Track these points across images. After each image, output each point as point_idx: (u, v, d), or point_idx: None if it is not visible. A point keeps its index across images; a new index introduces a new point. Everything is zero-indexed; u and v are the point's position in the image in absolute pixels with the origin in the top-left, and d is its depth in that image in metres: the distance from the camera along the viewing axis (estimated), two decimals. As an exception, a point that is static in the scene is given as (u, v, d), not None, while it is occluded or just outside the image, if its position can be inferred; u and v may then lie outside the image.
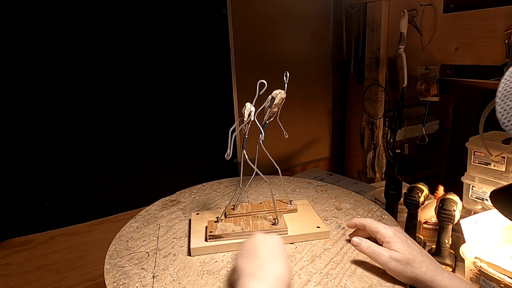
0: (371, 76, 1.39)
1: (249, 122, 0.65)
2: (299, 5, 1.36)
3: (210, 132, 1.22)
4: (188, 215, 0.79)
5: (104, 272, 0.62)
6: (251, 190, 0.93)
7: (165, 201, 0.89)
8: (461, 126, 1.78)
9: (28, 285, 1.01)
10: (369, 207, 0.81)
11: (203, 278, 0.58)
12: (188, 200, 0.88)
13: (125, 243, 0.70)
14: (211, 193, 0.93)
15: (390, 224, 0.72)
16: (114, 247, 0.69)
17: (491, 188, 0.96)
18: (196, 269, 0.60)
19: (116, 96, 1.04)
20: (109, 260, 0.65)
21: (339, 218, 0.76)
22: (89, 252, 1.08)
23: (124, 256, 0.66)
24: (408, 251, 0.54)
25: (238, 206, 0.76)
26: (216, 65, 1.20)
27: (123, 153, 1.08)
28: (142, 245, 0.69)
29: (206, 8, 1.13)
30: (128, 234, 0.73)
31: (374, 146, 1.43)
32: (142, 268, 0.62)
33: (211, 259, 0.63)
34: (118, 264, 0.63)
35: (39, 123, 0.94)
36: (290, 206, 0.76)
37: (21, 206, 0.96)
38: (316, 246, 0.66)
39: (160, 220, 0.79)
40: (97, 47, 0.98)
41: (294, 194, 0.90)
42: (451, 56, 1.10)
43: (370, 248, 0.57)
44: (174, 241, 0.70)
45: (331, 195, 0.88)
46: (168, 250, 0.67)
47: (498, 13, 0.96)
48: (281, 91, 0.67)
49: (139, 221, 0.79)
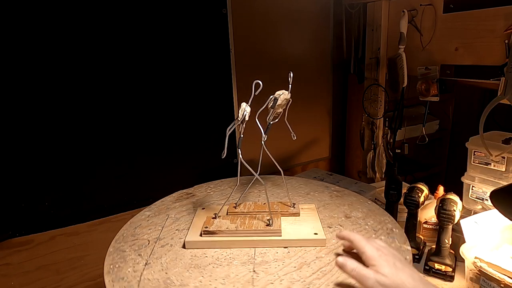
0: (371, 76, 1.39)
1: (243, 121, 0.64)
2: (299, 5, 1.36)
3: (210, 132, 1.22)
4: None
5: (107, 254, 0.65)
6: (262, 189, 0.91)
7: (182, 193, 0.91)
8: (461, 126, 1.78)
9: (28, 285, 1.01)
10: (380, 218, 0.75)
11: (189, 271, 0.59)
12: (203, 195, 0.90)
13: (133, 229, 0.74)
14: (226, 189, 0.93)
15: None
16: (122, 232, 0.73)
17: (491, 188, 0.96)
18: (186, 261, 0.62)
19: (116, 96, 1.04)
20: (114, 243, 0.69)
21: (345, 226, 0.72)
22: (89, 252, 1.08)
23: (128, 241, 0.69)
24: (396, 275, 0.50)
25: (241, 205, 0.76)
26: (216, 65, 1.20)
27: (123, 153, 1.08)
28: (147, 233, 0.72)
29: (206, 8, 1.13)
30: (139, 222, 0.77)
31: (374, 146, 1.43)
32: (139, 254, 0.65)
33: (202, 254, 0.64)
34: (121, 248, 0.67)
35: (40, 123, 0.94)
36: (292, 209, 0.74)
37: (21, 206, 0.96)
38: (309, 253, 0.63)
39: (170, 211, 0.81)
40: (98, 48, 0.98)
41: (307, 198, 0.86)
42: (451, 56, 1.10)
43: (355, 270, 0.52)
44: (175, 233, 0.72)
45: (345, 202, 0.84)
46: (167, 240, 0.69)
47: (498, 13, 0.96)
48: (284, 91, 0.67)
49: (152, 210, 0.83)
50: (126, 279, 0.58)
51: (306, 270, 0.58)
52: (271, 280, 0.56)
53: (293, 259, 0.62)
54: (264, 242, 0.65)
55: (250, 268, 0.59)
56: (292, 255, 0.63)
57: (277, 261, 0.61)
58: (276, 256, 0.62)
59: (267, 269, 0.59)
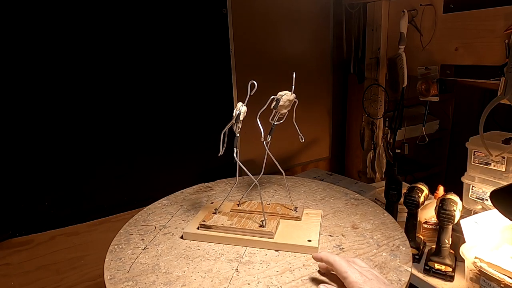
0: (371, 76, 1.39)
1: (238, 121, 0.65)
2: (299, 5, 1.36)
3: (210, 132, 1.22)
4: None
5: (117, 234, 0.70)
6: (272, 189, 0.91)
7: (201, 186, 0.94)
8: (461, 126, 1.78)
9: (28, 285, 1.01)
10: (390, 233, 0.70)
11: (177, 260, 0.62)
12: (221, 189, 0.92)
13: (147, 215, 0.78)
14: (245, 186, 0.93)
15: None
16: (136, 217, 0.78)
17: (491, 188, 0.96)
18: (179, 251, 0.65)
19: (117, 96, 1.04)
20: (126, 226, 0.74)
21: (347, 237, 0.68)
22: (89, 252, 1.08)
23: (138, 225, 0.74)
24: None
25: (246, 203, 0.76)
26: (216, 65, 1.20)
27: (123, 153, 1.08)
28: (156, 220, 0.76)
29: (206, 8, 1.13)
30: (154, 209, 0.82)
31: (374, 146, 1.43)
32: (142, 239, 0.69)
33: (196, 246, 0.66)
34: (129, 231, 0.72)
35: (40, 123, 0.94)
36: (294, 213, 0.73)
37: (21, 206, 0.96)
38: (298, 259, 0.62)
39: (185, 202, 0.85)
40: (98, 48, 0.98)
41: (320, 203, 0.84)
42: (451, 56, 1.10)
43: None
44: (181, 223, 0.75)
45: (358, 211, 0.79)
46: (171, 229, 0.73)
47: (498, 13, 0.96)
48: (287, 92, 0.66)
49: (170, 199, 0.87)
50: (123, 259, 0.63)
51: (287, 277, 0.57)
52: (248, 281, 0.56)
53: (279, 263, 0.61)
54: (255, 243, 0.66)
55: (234, 266, 0.60)
56: (280, 259, 0.62)
57: (263, 263, 0.61)
58: (264, 258, 0.62)
59: (249, 269, 0.59)
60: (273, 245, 0.65)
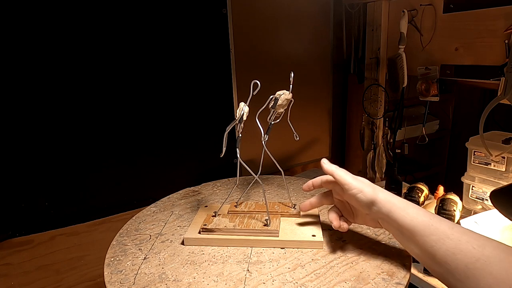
0: (371, 76, 1.39)
1: (241, 121, 0.64)
2: (299, 5, 1.36)
3: (210, 132, 1.22)
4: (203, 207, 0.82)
5: (109, 247, 0.66)
6: (271, 188, 0.91)
7: (188, 191, 0.92)
8: (461, 126, 1.78)
9: (28, 285, 1.01)
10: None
11: (184, 267, 0.60)
12: (209, 193, 0.90)
13: (138, 224, 0.75)
14: (239, 187, 0.92)
15: None
16: (127, 227, 0.74)
17: (491, 188, 0.96)
18: (183, 258, 0.63)
19: (116, 96, 1.04)
20: (117, 237, 0.70)
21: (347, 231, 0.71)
22: (89, 252, 1.08)
23: (131, 235, 0.71)
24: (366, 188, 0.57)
25: (243, 204, 0.76)
26: (216, 65, 1.20)
27: (123, 153, 1.08)
28: (150, 228, 0.73)
29: (206, 8, 1.13)
30: (144, 217, 0.78)
31: (374, 146, 1.43)
32: (140, 249, 0.66)
33: (199, 251, 0.64)
34: (123, 242, 0.68)
35: (40, 123, 0.94)
36: (293, 210, 0.74)
37: (21, 206, 0.96)
38: (306, 255, 0.63)
39: (175, 208, 0.82)
40: (98, 47, 0.98)
41: None
42: (451, 56, 1.10)
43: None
44: (177, 229, 0.72)
45: None
46: (168, 236, 0.70)
47: (498, 13, 0.96)
48: (285, 91, 0.66)
49: (158, 206, 0.83)
50: (124, 271, 0.59)
51: (300, 272, 0.58)
52: (263, 280, 0.56)
53: (288, 260, 0.61)
54: (261, 242, 0.65)
55: (244, 267, 0.59)
56: (288, 256, 0.62)
57: (272, 261, 0.61)
58: (272, 257, 0.62)
59: (261, 268, 0.59)
60: (279, 243, 0.65)
